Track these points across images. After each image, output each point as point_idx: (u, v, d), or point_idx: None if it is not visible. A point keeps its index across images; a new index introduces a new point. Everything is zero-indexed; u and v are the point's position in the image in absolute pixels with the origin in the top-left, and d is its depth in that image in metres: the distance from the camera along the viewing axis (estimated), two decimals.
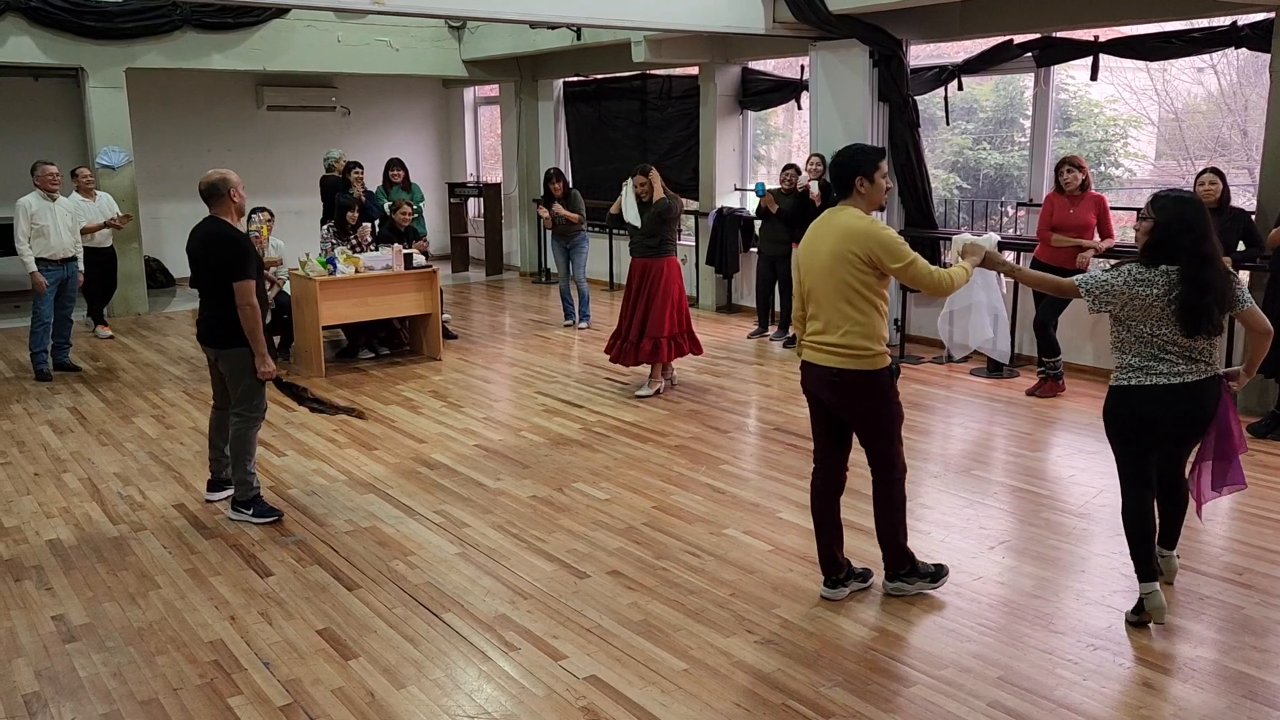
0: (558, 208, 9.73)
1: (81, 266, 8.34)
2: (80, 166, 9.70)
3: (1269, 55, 6.60)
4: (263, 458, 5.88)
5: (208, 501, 5.39)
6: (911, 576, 4.19)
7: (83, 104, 10.80)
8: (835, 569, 4.18)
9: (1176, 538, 4.27)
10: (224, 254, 5.00)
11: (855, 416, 4.01)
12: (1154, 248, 3.77)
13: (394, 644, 3.87)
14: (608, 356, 7.57)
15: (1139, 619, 3.96)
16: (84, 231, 9.17)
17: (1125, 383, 3.85)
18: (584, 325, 10.03)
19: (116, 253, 9.83)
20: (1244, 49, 7.07)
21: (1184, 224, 3.72)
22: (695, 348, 7.55)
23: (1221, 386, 3.88)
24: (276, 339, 8.44)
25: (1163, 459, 4.02)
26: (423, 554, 4.70)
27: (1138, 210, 4.41)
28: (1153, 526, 3.97)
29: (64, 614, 4.14)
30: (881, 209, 4.16)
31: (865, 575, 4.27)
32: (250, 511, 5.19)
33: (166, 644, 3.88)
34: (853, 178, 3.91)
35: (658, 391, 7.43)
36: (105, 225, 9.33)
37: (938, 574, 4.23)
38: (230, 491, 5.36)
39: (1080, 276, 3.98)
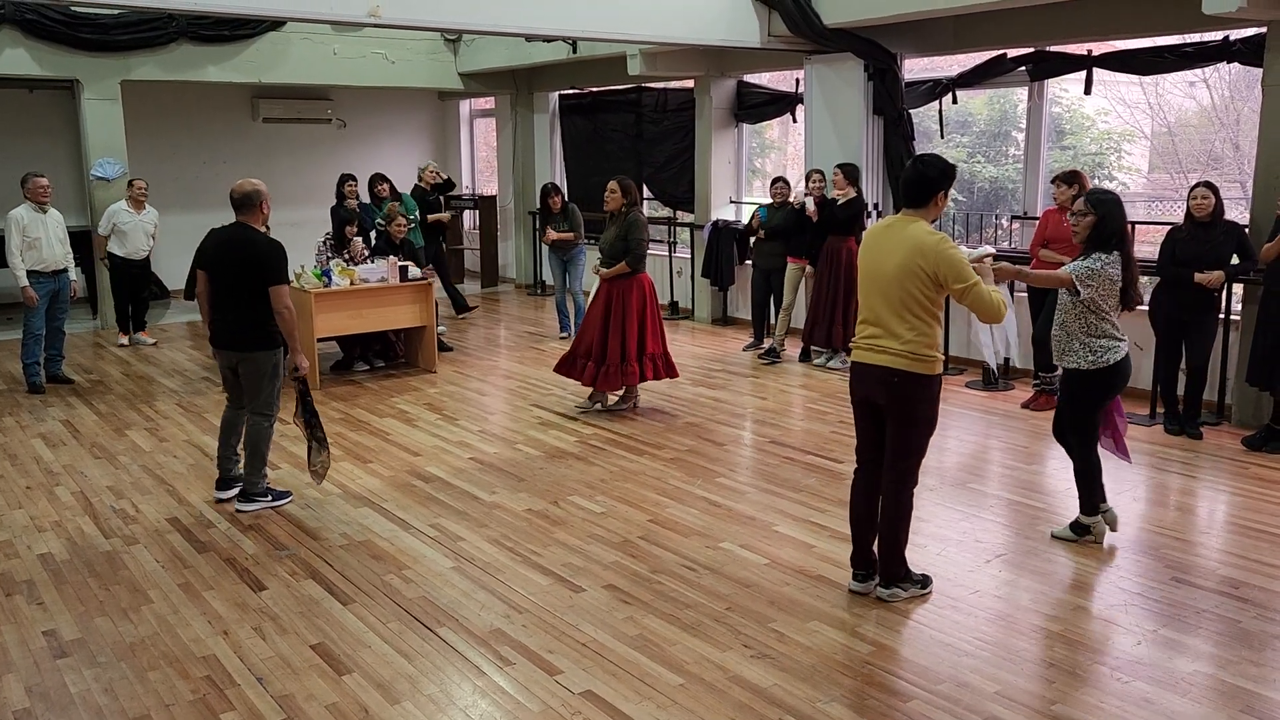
0: (553, 234, 9.77)
1: (74, 277, 8.31)
2: (136, 179, 9.71)
3: (1261, 69, 6.63)
4: None
5: (218, 501, 5.48)
6: (906, 582, 4.29)
7: (78, 116, 10.80)
8: (868, 564, 4.33)
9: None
10: (263, 257, 5.17)
11: (900, 418, 4.11)
12: (1106, 237, 4.51)
13: (388, 659, 3.84)
14: (576, 379, 7.19)
15: (1081, 534, 4.89)
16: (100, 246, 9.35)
17: (1106, 363, 4.57)
18: None
19: (150, 264, 9.88)
20: (1236, 63, 7.11)
21: (1121, 215, 4.54)
22: (671, 371, 7.28)
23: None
24: None
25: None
26: (417, 568, 4.67)
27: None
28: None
29: (55, 629, 4.11)
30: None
31: None
32: (269, 499, 5.43)
33: (159, 659, 3.85)
34: (936, 191, 4.06)
35: (634, 405, 7.36)
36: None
37: (925, 581, 4.37)
38: (239, 489, 5.46)
39: (1068, 265, 4.64)
